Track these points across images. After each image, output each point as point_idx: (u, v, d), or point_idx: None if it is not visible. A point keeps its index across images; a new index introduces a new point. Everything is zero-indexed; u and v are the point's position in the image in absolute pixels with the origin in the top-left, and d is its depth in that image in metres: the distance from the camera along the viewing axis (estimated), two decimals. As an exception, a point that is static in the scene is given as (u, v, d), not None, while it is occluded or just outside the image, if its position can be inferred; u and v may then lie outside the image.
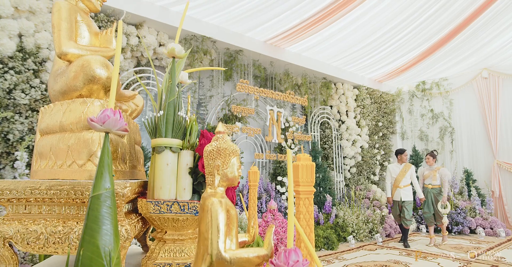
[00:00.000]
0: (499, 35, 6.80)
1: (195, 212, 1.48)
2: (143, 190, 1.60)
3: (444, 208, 6.05)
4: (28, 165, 4.02)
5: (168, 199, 1.47)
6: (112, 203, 0.89)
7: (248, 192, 5.91)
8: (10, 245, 1.28)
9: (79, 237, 1.27)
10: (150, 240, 2.06)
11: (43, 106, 4.32)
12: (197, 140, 1.58)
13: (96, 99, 1.42)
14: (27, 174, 3.49)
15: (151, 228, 2.09)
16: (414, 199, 6.44)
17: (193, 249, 1.54)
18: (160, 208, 1.46)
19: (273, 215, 2.78)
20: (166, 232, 1.55)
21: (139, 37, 5.25)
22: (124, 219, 1.36)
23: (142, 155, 1.96)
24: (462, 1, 5.87)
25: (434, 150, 6.65)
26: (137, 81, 5.36)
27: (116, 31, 4.95)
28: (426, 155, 6.51)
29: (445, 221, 6.09)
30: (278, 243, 2.62)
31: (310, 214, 1.24)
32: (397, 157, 6.39)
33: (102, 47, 1.67)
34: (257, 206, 5.85)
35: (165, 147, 1.46)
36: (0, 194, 1.27)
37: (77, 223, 1.31)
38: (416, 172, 7.07)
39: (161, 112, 1.46)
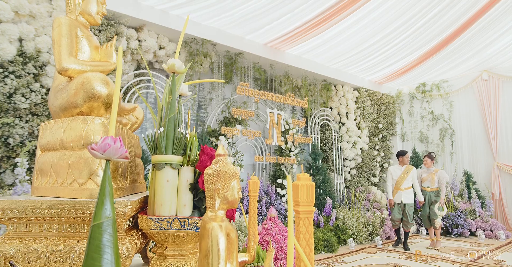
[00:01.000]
0: (499, 37, 6.80)
1: (195, 228, 1.48)
2: (144, 205, 1.61)
3: (441, 210, 6.00)
4: (29, 170, 4.02)
5: (168, 216, 1.47)
6: (113, 230, 0.90)
7: (248, 195, 5.92)
8: (12, 264, 1.29)
9: (80, 256, 1.28)
10: (150, 251, 2.07)
11: (43, 110, 4.33)
12: (198, 155, 1.58)
13: (97, 117, 1.42)
14: (27, 180, 3.49)
15: (152, 241, 2.09)
16: (415, 201, 6.40)
17: (193, 264, 1.54)
18: (161, 224, 1.46)
19: (273, 223, 2.78)
20: (166, 247, 1.55)
21: (139, 41, 5.25)
22: (125, 237, 1.37)
23: (143, 167, 1.96)
24: (462, 5, 5.86)
25: (432, 152, 6.57)
26: (138, 83, 5.37)
27: (118, 36, 4.93)
28: (424, 157, 6.41)
29: (438, 222, 6.06)
30: (278, 252, 2.63)
31: (310, 233, 1.24)
32: (398, 158, 6.31)
33: (103, 61, 1.68)
34: (257, 209, 5.86)
35: (165, 163, 1.46)
36: (1, 213, 1.27)
37: (78, 241, 1.31)
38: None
39: (162, 129, 1.46)
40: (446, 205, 7.32)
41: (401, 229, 6.26)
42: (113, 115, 0.93)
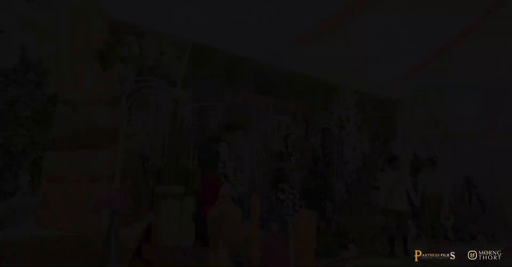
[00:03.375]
0: (502, 42, 6.76)
1: (198, 257, 1.50)
2: (147, 233, 1.62)
3: (448, 219, 5.87)
4: (31, 177, 4.03)
5: (171, 245, 1.48)
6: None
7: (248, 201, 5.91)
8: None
9: (84, 290, 1.29)
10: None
11: (44, 117, 4.33)
12: (200, 185, 1.59)
13: (101, 151, 1.43)
14: (29, 193, 3.50)
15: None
16: (412, 207, 6.28)
17: (196, 292, 1.55)
18: (164, 254, 1.47)
19: (275, 238, 2.79)
20: (169, 275, 1.57)
21: (140, 47, 5.24)
22: (128, 269, 1.38)
23: (145, 189, 1.97)
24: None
25: (434, 157, 6.49)
26: (138, 90, 5.33)
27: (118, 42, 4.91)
28: (424, 161, 6.33)
29: (450, 232, 6.00)
30: (279, 267, 2.64)
31: (312, 269, 1.26)
32: (389, 164, 6.20)
33: (106, 88, 1.68)
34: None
35: (168, 194, 1.47)
36: (6, 249, 1.28)
37: (82, 275, 1.32)
38: (416, 178, 6.95)
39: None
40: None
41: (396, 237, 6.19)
42: (118, 173, 0.94)
